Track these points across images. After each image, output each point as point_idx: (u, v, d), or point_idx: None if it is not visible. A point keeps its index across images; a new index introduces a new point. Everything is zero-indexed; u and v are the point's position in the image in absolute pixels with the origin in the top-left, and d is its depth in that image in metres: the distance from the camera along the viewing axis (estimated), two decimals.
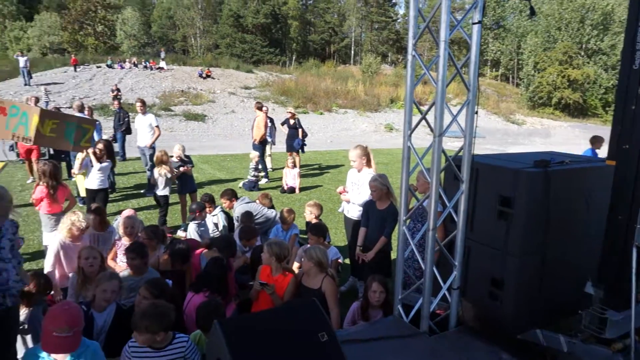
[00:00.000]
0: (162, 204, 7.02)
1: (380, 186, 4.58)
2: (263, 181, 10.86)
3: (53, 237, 5.13)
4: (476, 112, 3.07)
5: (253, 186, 10.10)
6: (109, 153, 6.72)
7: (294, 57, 65.23)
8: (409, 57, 3.09)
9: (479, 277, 3.51)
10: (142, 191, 9.38)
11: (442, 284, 3.32)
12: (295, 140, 11.62)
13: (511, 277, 3.28)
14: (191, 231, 5.72)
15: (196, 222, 5.73)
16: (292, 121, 11.82)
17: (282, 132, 12.01)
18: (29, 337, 3.52)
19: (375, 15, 67.00)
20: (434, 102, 2.92)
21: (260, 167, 10.58)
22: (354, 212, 5.29)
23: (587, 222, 3.46)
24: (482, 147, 18.69)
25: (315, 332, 2.48)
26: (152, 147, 9.47)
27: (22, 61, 25.57)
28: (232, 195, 6.23)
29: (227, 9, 64.82)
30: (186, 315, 3.77)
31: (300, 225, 6.23)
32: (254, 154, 10.28)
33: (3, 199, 2.93)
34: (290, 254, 5.26)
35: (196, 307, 3.41)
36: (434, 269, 3.26)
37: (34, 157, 9.19)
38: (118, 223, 5.22)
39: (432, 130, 2.96)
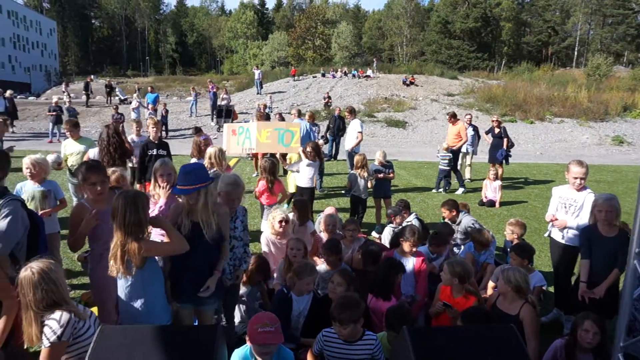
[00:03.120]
0: (358, 205, 7.36)
1: (614, 209, 3.90)
2: (459, 191, 10.45)
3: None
4: None
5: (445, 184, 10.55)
6: (316, 154, 7.14)
7: (503, 62, 61.16)
8: None
9: None
10: (343, 191, 10.07)
11: None
12: (499, 151, 10.84)
13: None
14: (386, 234, 5.85)
15: (392, 226, 5.84)
16: (497, 130, 11.08)
17: (486, 141, 11.32)
18: (244, 307, 4.16)
19: (610, 8, 57.50)
20: None
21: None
22: (563, 235, 4.63)
23: None
24: None
25: None
26: (354, 151, 10.10)
27: (257, 74, 30.63)
28: (452, 207, 5.98)
29: (436, 16, 64.75)
30: None
31: (496, 242, 5.77)
32: (444, 145, 10.74)
33: (239, 186, 3.53)
34: (487, 275, 4.94)
35: (387, 309, 3.49)
36: None
37: (259, 155, 10.83)
38: (320, 219, 5.69)
39: None
